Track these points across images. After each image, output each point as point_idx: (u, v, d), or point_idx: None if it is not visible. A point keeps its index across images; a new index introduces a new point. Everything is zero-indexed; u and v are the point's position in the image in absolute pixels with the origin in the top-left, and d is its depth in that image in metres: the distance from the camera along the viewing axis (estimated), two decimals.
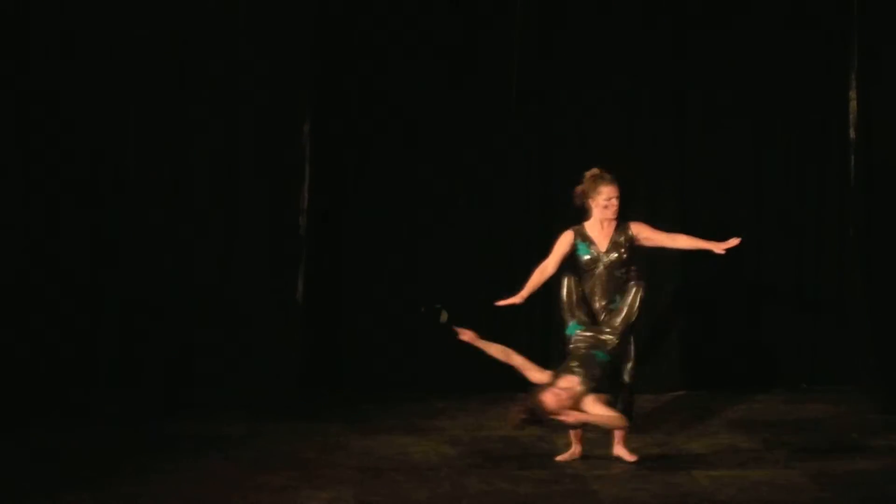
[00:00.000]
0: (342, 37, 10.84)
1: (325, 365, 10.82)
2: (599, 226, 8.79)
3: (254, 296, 10.47)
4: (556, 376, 8.52)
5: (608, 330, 8.66)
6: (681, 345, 11.04)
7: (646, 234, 8.84)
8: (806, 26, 11.09)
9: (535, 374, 8.65)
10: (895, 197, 10.80)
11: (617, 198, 8.73)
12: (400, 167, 10.98)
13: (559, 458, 8.83)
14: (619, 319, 8.68)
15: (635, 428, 9.19)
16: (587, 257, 8.77)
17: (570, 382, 8.46)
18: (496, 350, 8.76)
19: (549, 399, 8.40)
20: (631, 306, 8.69)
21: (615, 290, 8.75)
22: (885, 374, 10.51)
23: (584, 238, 8.79)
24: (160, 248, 10.41)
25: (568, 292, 8.80)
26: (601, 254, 8.76)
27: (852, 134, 10.90)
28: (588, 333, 8.67)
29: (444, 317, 10.89)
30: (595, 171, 8.80)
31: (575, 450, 8.87)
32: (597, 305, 8.78)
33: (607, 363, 8.61)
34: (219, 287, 10.46)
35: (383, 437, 9.35)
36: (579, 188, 8.84)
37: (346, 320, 10.94)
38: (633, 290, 8.71)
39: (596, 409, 8.49)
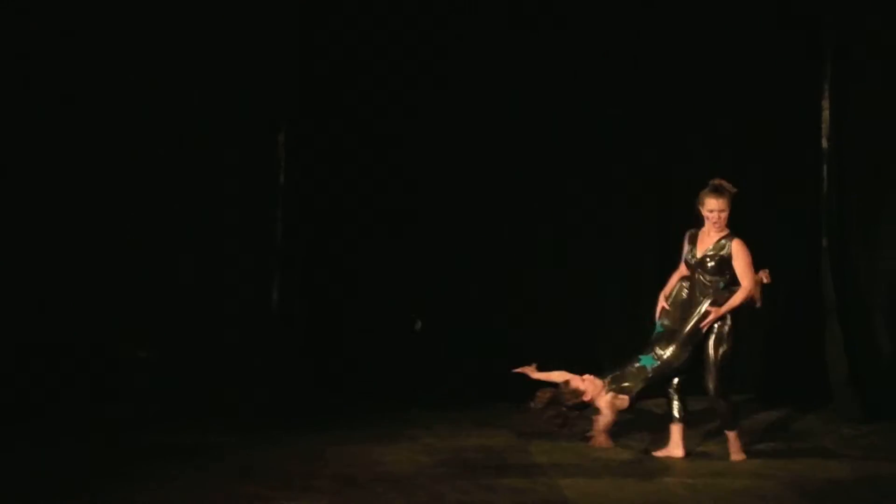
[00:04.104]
0: (317, 49, 10.86)
1: (301, 375, 10.80)
2: (707, 233, 9.04)
3: (231, 306, 10.49)
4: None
5: (673, 338, 8.95)
6: None
7: (735, 257, 8.97)
8: (780, 37, 11.13)
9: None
10: (868, 207, 10.85)
11: (721, 211, 8.95)
12: (375, 174, 10.99)
13: (657, 453, 9.11)
14: (683, 328, 8.94)
15: (610, 436, 9.28)
16: (687, 258, 9.09)
17: (593, 381, 8.88)
18: (553, 376, 9.15)
19: (575, 381, 8.87)
20: (696, 319, 8.92)
21: (700, 296, 8.98)
22: (857, 383, 10.55)
23: (692, 240, 9.09)
24: (138, 258, 10.42)
25: (667, 298, 9.17)
26: (695, 258, 9.01)
27: (825, 143, 10.95)
28: (658, 336, 9.02)
29: (417, 325, 10.97)
30: (716, 181, 9.03)
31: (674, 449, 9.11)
32: (692, 309, 9.00)
33: (651, 367, 8.94)
34: (197, 297, 10.46)
35: (359, 446, 9.32)
36: None
37: (320, 331, 10.92)
38: (705, 303, 8.93)
39: (600, 405, 8.87)
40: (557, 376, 9.09)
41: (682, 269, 9.21)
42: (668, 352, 8.93)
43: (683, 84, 11.17)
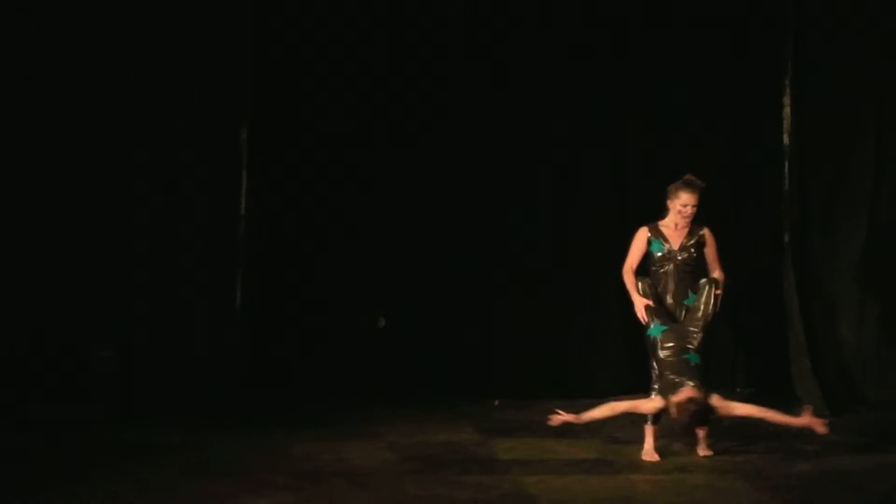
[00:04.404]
0: (280, 46, 10.85)
1: (265, 371, 10.79)
2: (674, 226, 9.03)
3: (195, 301, 10.47)
4: (667, 397, 8.65)
5: (692, 329, 8.83)
6: (620, 348, 11.09)
7: (709, 244, 9.08)
8: (741, 35, 11.17)
9: (648, 406, 8.86)
10: (829, 203, 10.92)
11: (693, 206, 8.95)
12: (339, 171, 10.99)
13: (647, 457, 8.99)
14: (699, 316, 8.86)
15: (573, 432, 9.30)
16: (659, 253, 9.02)
17: (686, 394, 8.58)
18: (602, 411, 8.85)
19: (696, 391, 8.57)
20: (707, 303, 8.87)
21: (687, 288, 8.96)
22: (819, 378, 10.60)
23: (657, 235, 9.04)
24: (102, 254, 10.38)
25: (644, 296, 8.98)
26: (673, 251, 8.99)
27: (786, 140, 11.00)
28: (673, 335, 8.80)
29: (381, 322, 10.97)
30: (688, 176, 9.00)
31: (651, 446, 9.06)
32: (669, 303, 8.98)
33: (699, 363, 8.76)
34: (160, 293, 10.43)
35: (323, 442, 9.32)
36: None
37: (284, 326, 10.91)
38: (707, 287, 8.91)
39: (738, 407, 8.78)
40: (649, 405, 8.88)
41: (633, 266, 9.09)
42: (699, 344, 8.82)
43: (641, 81, 11.19)
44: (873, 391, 10.71)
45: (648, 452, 8.99)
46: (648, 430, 9.05)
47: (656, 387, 8.89)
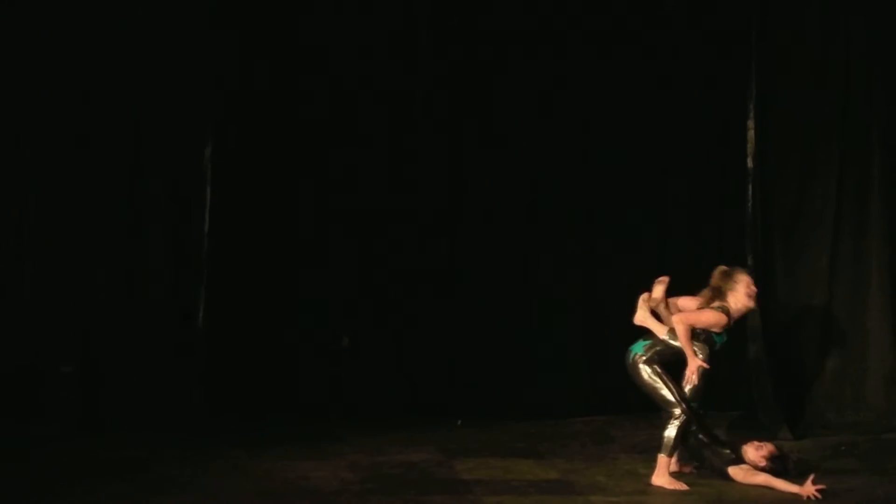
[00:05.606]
0: (247, 61, 10.83)
1: (226, 388, 10.72)
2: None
3: (156, 319, 10.41)
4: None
5: None
6: (581, 371, 11.08)
7: None
8: (704, 57, 11.21)
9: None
10: (792, 227, 10.96)
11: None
12: (303, 190, 10.96)
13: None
14: None
15: (536, 454, 9.28)
16: (718, 346, 9.13)
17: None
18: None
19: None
20: None
21: None
22: (781, 403, 10.64)
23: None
24: (61, 267, 10.33)
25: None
26: None
27: (750, 163, 11.03)
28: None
29: (345, 342, 10.95)
30: (721, 268, 9.02)
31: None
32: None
33: None
34: (122, 310, 10.38)
35: (283, 461, 9.28)
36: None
37: (246, 343, 10.85)
38: None
39: None
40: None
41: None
42: None
43: (603, 102, 11.21)
44: (835, 414, 10.74)
45: (672, 481, 8.82)
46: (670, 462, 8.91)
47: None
